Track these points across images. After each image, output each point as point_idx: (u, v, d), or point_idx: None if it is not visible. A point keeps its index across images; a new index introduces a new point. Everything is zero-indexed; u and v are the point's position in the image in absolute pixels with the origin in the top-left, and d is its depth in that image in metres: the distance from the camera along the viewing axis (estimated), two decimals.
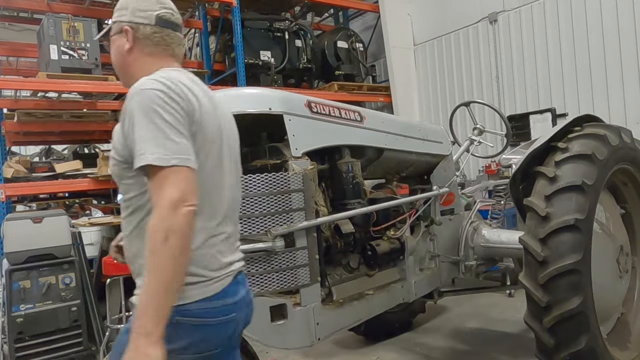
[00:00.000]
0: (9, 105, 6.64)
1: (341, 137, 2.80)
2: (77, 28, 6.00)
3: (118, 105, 7.38)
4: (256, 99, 2.49)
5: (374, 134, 2.98)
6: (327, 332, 2.62)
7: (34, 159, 8.11)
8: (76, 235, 4.94)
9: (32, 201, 7.83)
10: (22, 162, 6.45)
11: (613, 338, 3.18)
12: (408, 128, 3.30)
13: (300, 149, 2.52)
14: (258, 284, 2.35)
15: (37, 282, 4.28)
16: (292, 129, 2.51)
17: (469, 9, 8.11)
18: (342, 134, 2.80)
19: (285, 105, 2.53)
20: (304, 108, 2.61)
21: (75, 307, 4.38)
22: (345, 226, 2.76)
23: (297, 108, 2.59)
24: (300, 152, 2.52)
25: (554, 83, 7.03)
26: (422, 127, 3.46)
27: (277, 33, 8.05)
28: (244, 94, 2.63)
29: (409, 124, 3.41)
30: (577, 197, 2.72)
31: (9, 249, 4.26)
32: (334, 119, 2.75)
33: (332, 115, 2.74)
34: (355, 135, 2.88)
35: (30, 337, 4.16)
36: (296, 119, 2.55)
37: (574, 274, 2.63)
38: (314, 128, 2.64)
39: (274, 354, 3.92)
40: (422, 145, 3.34)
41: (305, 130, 2.58)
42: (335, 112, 2.77)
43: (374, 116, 3.03)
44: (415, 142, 3.29)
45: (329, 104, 2.77)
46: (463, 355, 4.26)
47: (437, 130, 3.61)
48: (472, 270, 3.68)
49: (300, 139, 2.54)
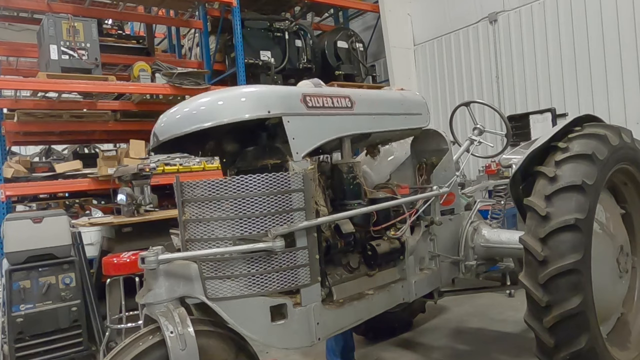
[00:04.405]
0: (9, 105, 6.64)
1: (336, 129, 2.80)
2: (77, 28, 6.01)
3: (118, 106, 7.38)
4: (253, 102, 2.46)
5: (363, 118, 2.97)
6: (327, 332, 2.62)
7: (34, 159, 8.11)
8: (76, 235, 4.94)
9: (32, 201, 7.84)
10: (22, 162, 6.46)
11: (613, 338, 3.18)
12: (392, 104, 3.27)
13: (300, 152, 2.53)
14: (258, 284, 2.34)
15: (37, 282, 4.28)
16: (291, 132, 2.51)
17: (469, 9, 8.11)
18: (336, 125, 2.79)
19: (283, 105, 2.52)
20: (300, 104, 2.60)
21: (75, 307, 4.38)
22: (345, 226, 2.75)
23: (294, 106, 2.58)
24: (300, 156, 2.53)
25: (554, 83, 7.03)
26: (404, 101, 3.39)
27: (277, 33, 8.06)
28: (239, 96, 2.53)
29: (392, 99, 3.35)
30: (577, 197, 2.72)
31: (9, 249, 4.27)
32: (328, 110, 2.75)
33: (325, 107, 2.73)
34: (347, 124, 2.87)
35: (30, 337, 4.16)
36: (294, 118, 2.54)
37: (574, 274, 2.63)
38: (311, 125, 2.64)
39: (274, 354, 3.92)
40: (404, 120, 3.31)
41: (303, 130, 2.58)
42: (328, 102, 2.76)
43: (362, 99, 3.00)
44: (398, 119, 3.27)
45: (322, 94, 2.75)
46: (463, 355, 4.26)
47: (417, 101, 3.52)
48: (472, 270, 3.67)
49: (299, 141, 2.53)
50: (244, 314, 2.30)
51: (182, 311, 2.17)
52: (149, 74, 6.64)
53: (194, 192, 2.38)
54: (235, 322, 2.27)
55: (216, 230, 2.34)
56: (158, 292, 2.20)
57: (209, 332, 2.24)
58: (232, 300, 2.29)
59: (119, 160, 5.98)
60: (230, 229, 2.33)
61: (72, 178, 6.14)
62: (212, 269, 2.31)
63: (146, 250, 2.19)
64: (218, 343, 2.26)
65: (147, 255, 2.16)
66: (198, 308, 2.48)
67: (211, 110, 2.40)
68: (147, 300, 2.21)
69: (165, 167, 6.27)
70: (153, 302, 2.20)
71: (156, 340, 2.10)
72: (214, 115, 2.38)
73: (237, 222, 2.33)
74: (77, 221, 5.47)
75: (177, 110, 2.50)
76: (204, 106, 2.44)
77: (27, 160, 6.84)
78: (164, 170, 6.24)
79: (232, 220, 2.33)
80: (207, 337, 2.22)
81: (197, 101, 2.48)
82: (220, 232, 2.33)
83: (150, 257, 2.15)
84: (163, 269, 2.21)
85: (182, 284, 2.27)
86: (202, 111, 2.41)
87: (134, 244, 5.02)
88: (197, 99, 2.50)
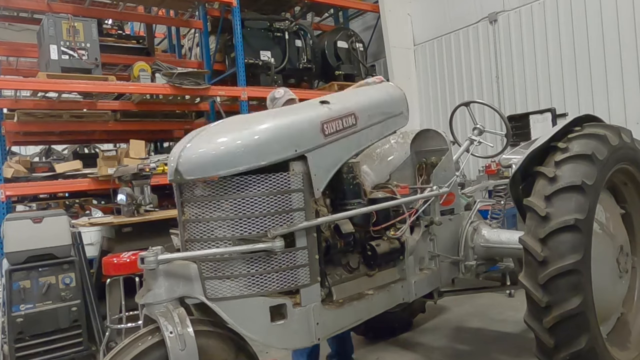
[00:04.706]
0: (9, 105, 6.65)
1: (345, 154, 2.80)
2: (77, 28, 6.01)
3: (118, 106, 7.39)
4: (282, 143, 2.41)
5: (364, 133, 2.96)
6: (327, 332, 2.62)
7: (34, 159, 8.12)
8: (76, 235, 4.94)
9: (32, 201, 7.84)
10: (22, 162, 6.46)
11: (613, 338, 3.18)
12: (382, 108, 3.17)
13: (320, 187, 2.55)
14: (258, 284, 2.34)
15: (37, 282, 4.28)
16: (314, 168, 2.51)
17: (469, 9, 8.10)
18: (346, 149, 2.79)
19: (309, 141, 2.52)
20: (319, 135, 2.60)
21: (75, 307, 4.38)
22: (345, 226, 2.76)
23: (316, 139, 2.57)
24: (320, 192, 2.55)
25: (554, 83, 7.03)
26: (390, 101, 3.26)
27: (277, 33, 8.05)
28: (266, 136, 2.39)
29: (383, 101, 3.21)
30: (577, 197, 2.72)
31: (9, 249, 4.27)
32: (340, 133, 2.73)
33: (338, 131, 2.72)
34: (353, 143, 2.87)
35: (30, 337, 4.16)
36: (315, 153, 2.54)
37: (574, 274, 2.63)
38: (327, 155, 2.64)
39: (274, 354, 3.92)
40: (391, 124, 3.23)
41: (322, 163, 2.58)
42: (339, 125, 2.74)
43: (363, 112, 2.96)
44: (387, 124, 3.19)
45: (335, 118, 2.73)
46: (463, 355, 4.26)
47: (399, 97, 3.35)
48: (472, 270, 3.67)
49: (319, 177, 2.55)
50: (244, 314, 2.30)
51: (182, 311, 2.17)
52: (149, 74, 6.64)
53: (194, 192, 2.38)
54: (234, 322, 2.27)
55: (216, 230, 2.34)
56: (157, 292, 2.20)
57: (208, 332, 2.24)
58: (231, 301, 2.29)
59: (119, 160, 5.98)
60: (230, 229, 2.33)
61: (72, 178, 6.14)
62: (212, 269, 2.31)
63: (146, 251, 2.19)
64: (218, 343, 2.26)
65: (147, 255, 2.15)
66: (198, 308, 2.48)
67: (238, 155, 2.30)
68: (147, 301, 2.21)
69: (165, 167, 6.26)
70: (153, 302, 2.20)
71: (156, 341, 2.10)
72: (240, 159, 2.30)
73: (237, 222, 2.33)
74: (77, 221, 5.47)
75: (198, 148, 2.33)
76: (229, 148, 2.31)
77: (27, 160, 6.84)
78: (164, 170, 6.24)
79: (232, 221, 2.33)
80: (207, 337, 2.22)
81: (221, 140, 2.35)
82: (220, 232, 2.33)
83: (150, 257, 2.15)
84: (163, 269, 2.21)
85: (182, 284, 2.26)
86: (229, 155, 2.30)
87: (134, 244, 5.02)
88: (219, 135, 2.38)
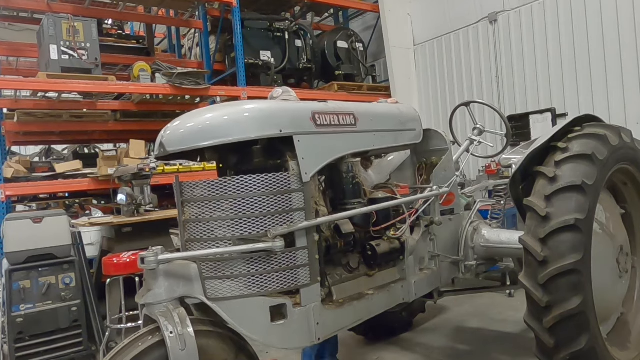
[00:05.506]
0: (9, 105, 6.64)
1: (341, 148, 2.81)
2: (77, 28, 6.01)
3: (118, 106, 7.38)
4: (265, 121, 2.46)
5: (366, 135, 2.99)
6: (327, 332, 2.61)
7: (34, 159, 8.11)
8: (76, 235, 4.94)
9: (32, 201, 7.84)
10: (22, 162, 6.46)
11: (613, 338, 3.18)
12: (391, 120, 3.27)
13: (309, 173, 2.54)
14: (258, 284, 2.34)
15: (37, 282, 4.28)
16: (301, 151, 2.51)
17: (469, 9, 8.10)
18: (341, 143, 2.81)
19: (295, 124, 2.53)
20: (309, 123, 2.61)
21: (75, 307, 4.38)
22: (345, 226, 2.76)
23: (305, 124, 2.59)
24: (309, 176, 2.54)
25: (554, 83, 7.03)
26: (401, 116, 3.39)
27: (277, 33, 8.06)
28: (251, 114, 2.47)
29: (391, 115, 3.35)
30: (577, 197, 2.72)
31: (9, 249, 4.26)
32: (334, 127, 2.76)
33: (332, 125, 2.75)
34: (351, 142, 2.89)
35: (30, 337, 4.16)
36: (304, 137, 2.55)
37: (574, 274, 2.63)
38: (319, 144, 2.65)
39: (274, 354, 3.92)
40: (401, 136, 3.32)
41: (312, 150, 2.58)
42: (334, 119, 2.77)
43: (364, 115, 3.01)
44: (396, 135, 3.28)
45: (330, 112, 2.76)
46: (463, 355, 4.26)
47: (412, 116, 3.52)
48: (472, 270, 3.67)
49: (308, 162, 2.54)
50: (244, 314, 2.30)
51: (182, 311, 2.17)
52: (149, 74, 6.64)
53: (194, 192, 2.39)
54: (235, 322, 2.27)
55: (216, 230, 2.34)
56: (158, 292, 2.20)
57: (208, 332, 2.24)
58: (231, 301, 2.29)
59: (119, 160, 5.98)
60: (230, 229, 2.33)
61: (72, 178, 6.14)
62: (212, 269, 2.31)
63: (146, 251, 2.19)
64: (218, 343, 2.26)
65: (147, 255, 2.15)
66: (198, 308, 2.48)
67: (222, 127, 2.37)
68: (147, 301, 2.21)
69: (165, 167, 6.26)
70: (153, 302, 2.20)
71: (156, 341, 2.10)
72: (224, 132, 2.35)
73: (237, 222, 2.33)
74: (77, 221, 5.47)
75: (185, 124, 2.41)
76: (213, 122, 2.40)
77: (27, 160, 6.84)
78: (164, 170, 6.24)
79: (232, 221, 2.33)
80: (207, 337, 2.22)
81: (206, 115, 2.43)
82: (220, 232, 2.33)
83: (150, 257, 2.15)
84: (163, 269, 2.21)
85: (182, 284, 2.27)
86: (212, 127, 2.37)
87: (134, 244, 5.02)
88: (205, 113, 2.46)
